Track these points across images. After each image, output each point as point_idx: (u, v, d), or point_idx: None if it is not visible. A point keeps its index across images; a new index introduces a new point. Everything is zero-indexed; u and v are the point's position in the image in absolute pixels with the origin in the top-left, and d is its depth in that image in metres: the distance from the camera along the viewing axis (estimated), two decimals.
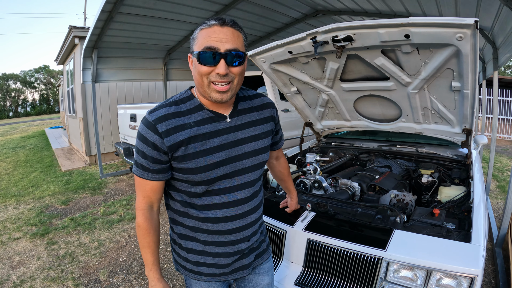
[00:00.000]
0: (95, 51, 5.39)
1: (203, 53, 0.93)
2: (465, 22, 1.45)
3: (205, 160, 1.00)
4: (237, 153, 1.06)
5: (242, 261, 1.17)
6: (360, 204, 1.85)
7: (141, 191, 1.07)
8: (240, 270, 1.18)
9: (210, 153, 1.01)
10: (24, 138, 14.15)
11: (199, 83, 0.99)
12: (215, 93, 0.97)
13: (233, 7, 4.70)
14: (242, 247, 1.14)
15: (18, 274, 2.87)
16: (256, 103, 1.17)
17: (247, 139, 1.09)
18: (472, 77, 1.74)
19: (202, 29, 0.96)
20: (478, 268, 1.23)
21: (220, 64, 0.93)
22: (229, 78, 0.97)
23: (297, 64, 2.26)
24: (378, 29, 1.67)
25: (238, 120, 1.09)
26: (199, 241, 1.11)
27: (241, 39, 0.98)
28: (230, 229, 1.09)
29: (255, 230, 1.19)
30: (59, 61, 9.79)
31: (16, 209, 4.60)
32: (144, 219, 1.07)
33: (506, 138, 11.08)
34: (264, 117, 1.17)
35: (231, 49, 0.94)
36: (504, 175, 6.03)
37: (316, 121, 3.00)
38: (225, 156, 1.04)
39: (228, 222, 1.08)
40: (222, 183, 1.06)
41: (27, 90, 52.81)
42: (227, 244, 1.11)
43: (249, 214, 1.13)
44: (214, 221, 1.07)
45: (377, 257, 1.42)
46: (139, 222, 1.08)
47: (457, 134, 2.36)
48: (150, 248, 1.09)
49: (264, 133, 1.15)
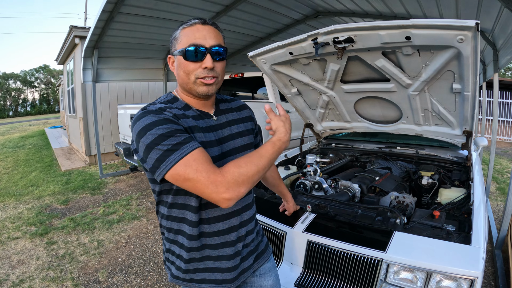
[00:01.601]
0: (96, 51, 5.39)
1: (189, 50, 0.96)
2: (466, 24, 1.45)
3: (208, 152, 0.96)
4: (228, 149, 1.08)
5: (242, 264, 1.14)
6: (360, 206, 1.85)
7: (204, 162, 0.85)
8: (241, 274, 1.15)
9: (212, 146, 1.01)
10: (24, 137, 14.15)
11: (185, 81, 1.01)
12: (202, 86, 1.00)
13: (234, 8, 4.71)
14: (239, 247, 1.11)
15: (17, 273, 2.86)
16: (234, 105, 1.22)
17: (234, 135, 1.12)
18: (472, 79, 1.74)
19: (184, 28, 1.00)
20: (478, 270, 1.23)
21: (207, 58, 0.97)
22: (215, 74, 1.00)
23: (298, 65, 2.26)
24: (379, 31, 1.67)
25: (223, 118, 1.12)
26: (198, 247, 1.07)
27: (221, 37, 1.03)
28: (228, 227, 1.07)
29: (251, 228, 1.18)
30: (60, 61, 9.80)
31: (15, 208, 4.60)
32: (238, 173, 0.87)
33: (506, 140, 11.09)
34: (243, 117, 1.21)
35: (215, 44, 0.98)
36: (504, 177, 6.03)
37: (316, 122, 3.00)
38: (220, 151, 1.04)
39: (226, 220, 1.07)
40: None
41: (27, 90, 52.83)
42: (226, 246, 1.08)
43: (244, 211, 1.13)
44: (212, 221, 1.05)
45: (377, 259, 1.42)
46: (247, 178, 0.88)
47: (457, 136, 2.36)
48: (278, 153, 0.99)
49: (247, 131, 1.18)
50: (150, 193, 5.15)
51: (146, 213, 4.25)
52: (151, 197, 4.94)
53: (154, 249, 3.27)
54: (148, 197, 4.95)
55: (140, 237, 3.55)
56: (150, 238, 3.52)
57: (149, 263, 3.02)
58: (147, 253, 3.21)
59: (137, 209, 4.40)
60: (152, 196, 4.96)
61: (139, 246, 3.34)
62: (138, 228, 3.78)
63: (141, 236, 3.58)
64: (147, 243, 3.42)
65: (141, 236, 3.57)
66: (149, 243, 3.41)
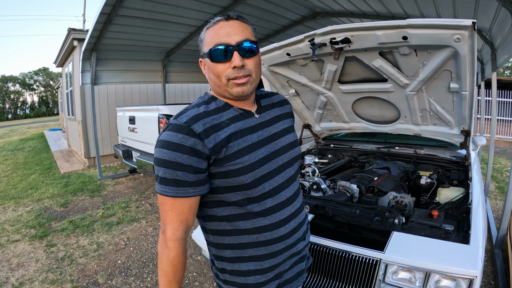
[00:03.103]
0: (94, 53, 5.39)
1: (214, 50, 0.89)
2: (462, 23, 1.45)
3: (250, 158, 0.92)
4: (275, 148, 1.00)
5: (300, 265, 1.11)
6: (359, 206, 1.85)
7: (177, 215, 0.88)
8: (300, 275, 1.11)
9: (254, 149, 0.93)
10: (23, 140, 14.14)
11: (217, 84, 0.94)
12: (235, 87, 0.91)
13: (232, 9, 4.71)
14: (300, 247, 1.08)
15: (16, 276, 2.85)
16: (275, 99, 1.14)
17: (280, 133, 1.04)
18: (470, 78, 1.75)
19: (208, 28, 0.93)
20: (476, 270, 1.23)
21: (234, 56, 0.89)
22: (247, 71, 0.91)
23: (295, 66, 2.26)
24: (376, 31, 1.68)
25: (266, 115, 1.04)
26: (256, 259, 0.98)
27: (249, 30, 0.94)
28: (289, 231, 1.01)
29: (307, 228, 1.15)
30: (58, 63, 9.80)
31: (15, 211, 4.59)
32: (182, 250, 0.90)
33: (505, 139, 11.09)
34: (286, 112, 1.14)
35: (241, 40, 0.90)
36: (503, 176, 6.03)
37: (314, 123, 3.00)
38: (266, 152, 0.96)
39: (286, 224, 1.00)
40: (269, 183, 0.96)
41: (26, 92, 52.83)
42: (286, 250, 1.03)
43: (301, 211, 1.08)
44: (272, 228, 0.97)
45: (375, 259, 1.42)
46: (174, 256, 0.89)
47: (455, 136, 2.36)
48: (179, 284, 0.94)
49: (291, 127, 1.12)
50: (149, 195, 5.15)
51: (146, 215, 4.24)
52: (150, 199, 4.94)
53: (153, 251, 3.27)
54: (147, 199, 4.95)
55: (140, 239, 3.55)
56: (150, 240, 3.52)
57: (149, 265, 3.01)
58: (146, 255, 3.20)
59: (136, 211, 4.39)
60: (151, 198, 4.96)
61: (139, 248, 3.33)
62: (137, 230, 3.78)
63: (140, 238, 3.57)
64: (147, 245, 3.41)
65: (141, 238, 3.56)
66: (149, 245, 3.41)
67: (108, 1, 3.88)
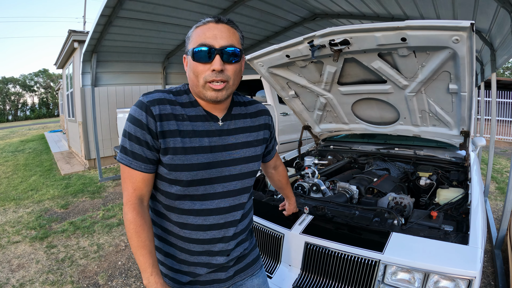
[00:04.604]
0: (95, 55, 5.40)
1: (198, 50, 0.91)
2: (461, 24, 1.46)
3: (192, 158, 0.94)
4: (225, 158, 1.00)
5: (218, 274, 1.08)
6: (358, 207, 1.85)
7: (131, 183, 0.95)
8: (215, 283, 1.09)
9: (198, 152, 0.95)
10: (24, 141, 14.15)
11: (194, 83, 0.95)
12: (210, 91, 0.93)
13: (232, 11, 4.73)
14: (220, 261, 1.05)
15: (17, 277, 2.86)
16: (251, 109, 1.12)
17: (238, 145, 1.04)
18: (469, 79, 1.75)
19: (197, 27, 0.95)
20: (475, 270, 1.23)
21: (215, 60, 0.90)
22: (225, 77, 0.92)
23: (295, 68, 2.27)
24: (375, 33, 1.69)
25: (231, 124, 1.04)
26: (176, 247, 1.04)
27: (237, 36, 0.96)
28: (209, 238, 1.02)
29: (242, 251, 1.13)
30: (59, 65, 9.82)
31: (15, 212, 4.59)
32: (136, 213, 0.93)
33: (505, 140, 11.09)
34: (258, 124, 1.12)
35: (226, 45, 0.91)
36: (503, 177, 6.03)
37: (314, 124, 3.01)
38: (212, 158, 0.98)
39: (208, 231, 1.01)
40: (206, 188, 0.99)
41: (26, 94, 52.92)
42: (203, 254, 1.03)
43: (231, 226, 1.05)
44: (192, 228, 1.00)
45: (374, 260, 1.42)
46: (130, 218, 0.93)
47: (455, 137, 2.37)
48: (146, 248, 0.94)
49: (257, 141, 1.10)
50: None
51: None
52: None
53: None
54: None
55: None
56: None
57: None
58: None
59: None
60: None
61: None
62: None
63: None
64: None
65: None
66: None
67: (108, 3, 3.89)
